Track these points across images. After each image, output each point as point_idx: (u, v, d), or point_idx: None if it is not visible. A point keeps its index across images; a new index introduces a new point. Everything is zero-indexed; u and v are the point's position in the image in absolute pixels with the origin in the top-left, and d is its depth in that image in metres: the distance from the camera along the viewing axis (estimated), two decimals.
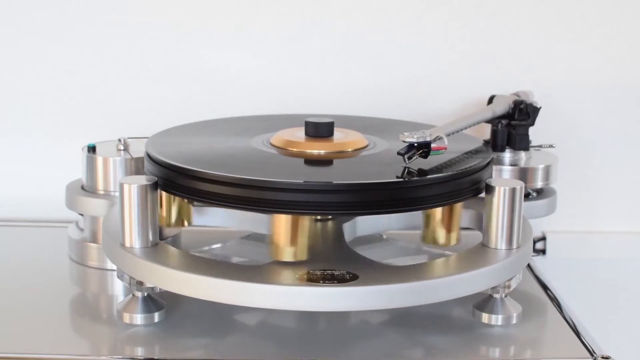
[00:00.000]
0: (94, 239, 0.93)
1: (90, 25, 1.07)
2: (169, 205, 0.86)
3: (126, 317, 0.79)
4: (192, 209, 0.88)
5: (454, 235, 0.86)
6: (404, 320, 0.81)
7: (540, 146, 1.00)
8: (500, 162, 0.97)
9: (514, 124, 0.97)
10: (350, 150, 0.84)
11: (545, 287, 0.91)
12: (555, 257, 1.11)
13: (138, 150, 0.92)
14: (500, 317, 0.80)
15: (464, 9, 1.08)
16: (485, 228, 0.80)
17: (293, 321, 0.81)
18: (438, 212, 0.85)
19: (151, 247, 0.78)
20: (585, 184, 1.12)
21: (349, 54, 1.09)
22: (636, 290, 1.14)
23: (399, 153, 0.79)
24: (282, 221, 0.79)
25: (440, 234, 0.86)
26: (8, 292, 0.87)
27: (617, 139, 1.11)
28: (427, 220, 0.86)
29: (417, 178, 0.77)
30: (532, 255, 0.87)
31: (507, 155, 0.98)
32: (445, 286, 0.74)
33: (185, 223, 0.88)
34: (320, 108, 1.07)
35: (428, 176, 0.77)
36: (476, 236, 0.84)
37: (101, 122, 1.09)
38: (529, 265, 0.95)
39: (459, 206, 0.85)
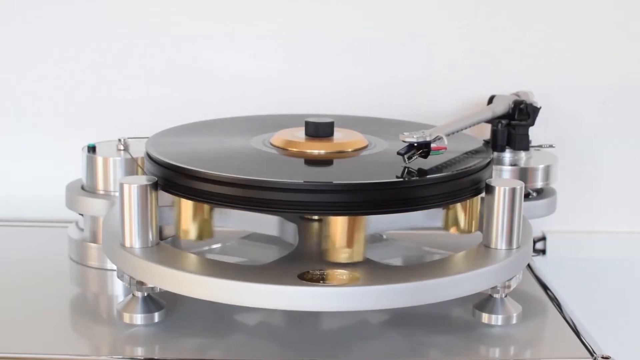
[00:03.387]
0: (94, 239, 0.93)
1: (91, 25, 1.07)
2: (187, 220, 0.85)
3: (126, 317, 0.79)
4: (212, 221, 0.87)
5: (474, 222, 0.86)
6: (404, 320, 0.81)
7: (540, 146, 1.00)
8: (500, 162, 0.97)
9: (514, 124, 0.97)
10: (350, 150, 0.84)
11: (545, 287, 0.91)
12: (555, 257, 1.11)
13: (138, 150, 0.92)
14: (500, 317, 0.80)
15: (464, 9, 1.08)
16: (485, 228, 0.80)
17: (293, 321, 0.81)
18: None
19: (151, 247, 0.78)
20: (585, 184, 1.12)
21: (349, 54, 1.09)
22: (636, 290, 1.14)
23: (399, 153, 0.79)
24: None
25: (462, 219, 0.86)
26: (8, 292, 0.87)
27: (617, 139, 1.11)
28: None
29: (417, 178, 0.77)
30: (532, 255, 0.87)
31: (507, 155, 0.98)
32: (445, 286, 0.74)
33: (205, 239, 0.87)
34: (320, 108, 1.07)
35: (428, 176, 0.77)
36: (476, 236, 0.84)
37: (101, 122, 1.09)
38: (529, 265, 0.95)
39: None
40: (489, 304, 0.80)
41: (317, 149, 0.84)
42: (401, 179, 0.76)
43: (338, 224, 0.80)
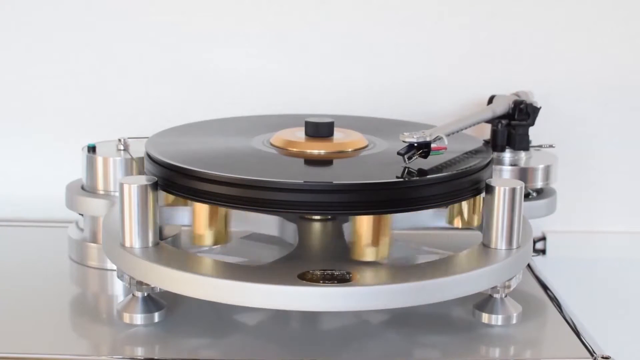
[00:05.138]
0: (94, 239, 0.93)
1: (91, 25, 1.07)
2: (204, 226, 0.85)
3: (126, 317, 0.79)
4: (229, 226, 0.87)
5: (477, 216, 0.86)
6: (404, 320, 0.81)
7: (540, 146, 1.00)
8: (500, 162, 0.97)
9: (514, 124, 0.97)
10: (350, 150, 0.84)
11: (545, 287, 0.91)
12: (555, 257, 1.11)
13: (138, 150, 0.92)
14: (500, 317, 0.80)
15: (464, 9, 1.08)
16: (485, 228, 0.80)
17: (293, 321, 0.81)
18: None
19: (151, 247, 0.78)
20: (585, 184, 1.12)
21: (349, 54, 1.09)
22: (636, 290, 1.14)
23: (399, 153, 0.79)
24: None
25: (465, 213, 0.86)
26: (8, 292, 0.87)
27: (617, 139, 1.11)
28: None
29: (417, 178, 0.77)
30: (532, 255, 0.87)
31: (507, 155, 0.98)
32: (445, 286, 0.74)
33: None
34: (320, 108, 1.07)
35: (428, 176, 0.77)
36: (476, 236, 0.84)
37: (101, 122, 1.09)
38: (529, 265, 0.95)
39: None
40: (489, 304, 0.80)
41: (317, 149, 0.84)
42: (401, 179, 0.76)
43: (364, 223, 0.80)
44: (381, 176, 0.76)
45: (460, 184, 0.79)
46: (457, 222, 0.87)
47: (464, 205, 0.86)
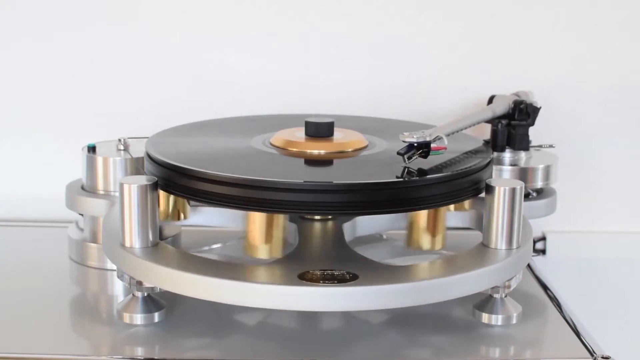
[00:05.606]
0: (94, 239, 0.93)
1: (91, 26, 1.07)
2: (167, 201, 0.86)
3: (126, 317, 0.79)
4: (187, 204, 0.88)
5: (439, 238, 0.86)
6: (404, 320, 0.81)
7: (540, 146, 1.00)
8: (500, 162, 0.97)
9: (514, 124, 0.97)
10: (350, 150, 0.84)
11: (545, 287, 0.91)
12: (555, 257, 1.11)
13: (138, 150, 0.92)
14: (500, 317, 0.80)
15: (464, 9, 1.08)
16: (485, 228, 0.80)
17: (293, 321, 0.81)
18: (423, 217, 0.85)
19: (151, 247, 0.78)
20: (585, 184, 1.12)
21: (349, 54, 1.09)
22: (636, 290, 1.14)
23: (399, 153, 0.79)
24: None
25: (425, 239, 0.86)
26: (8, 292, 0.87)
27: (617, 139, 1.11)
28: (410, 225, 0.86)
29: (417, 178, 0.77)
30: (532, 255, 0.87)
31: (507, 155, 0.98)
32: (445, 286, 0.74)
33: (182, 216, 0.87)
34: (320, 108, 1.07)
35: (428, 176, 0.77)
36: (476, 236, 0.84)
37: (101, 122, 1.09)
38: (529, 265, 0.95)
39: (442, 211, 0.85)
40: (489, 304, 0.80)
41: (317, 149, 0.84)
42: (401, 179, 0.76)
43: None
44: (381, 176, 0.76)
45: (460, 184, 0.79)
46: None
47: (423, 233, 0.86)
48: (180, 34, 1.08)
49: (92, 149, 0.93)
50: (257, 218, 0.81)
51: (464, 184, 0.79)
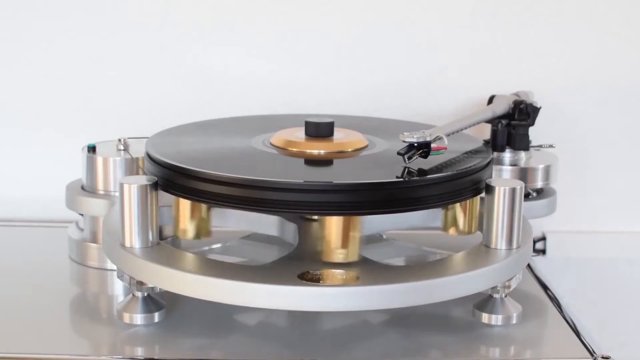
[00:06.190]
0: (94, 239, 0.93)
1: (90, 25, 1.07)
2: (185, 219, 0.85)
3: (126, 317, 0.79)
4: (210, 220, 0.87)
5: (474, 223, 0.86)
6: (404, 320, 0.81)
7: (540, 146, 1.00)
8: (500, 162, 0.97)
9: (514, 124, 0.97)
10: (350, 150, 0.84)
11: (545, 287, 0.91)
12: (555, 257, 1.11)
13: (138, 150, 0.92)
14: (500, 317, 0.80)
15: (464, 9, 1.08)
16: (485, 228, 0.80)
17: (293, 321, 0.81)
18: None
19: (151, 247, 0.78)
20: (585, 184, 1.12)
21: (349, 54, 1.09)
22: (636, 290, 1.14)
23: (399, 153, 0.79)
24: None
25: (461, 220, 0.86)
26: (8, 292, 0.87)
27: (616, 139, 1.11)
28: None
29: (417, 178, 0.77)
30: (532, 255, 0.87)
31: (507, 155, 0.98)
32: (445, 286, 0.74)
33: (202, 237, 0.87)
34: (320, 108, 1.07)
35: (428, 176, 0.77)
36: (476, 236, 0.84)
37: (101, 122, 1.09)
38: (529, 265, 0.95)
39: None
40: (489, 304, 0.80)
41: (317, 149, 0.84)
42: (401, 179, 0.76)
43: (333, 224, 0.80)
44: (381, 176, 0.76)
45: (460, 184, 0.79)
46: (453, 231, 0.87)
47: (459, 213, 0.86)
48: (180, 33, 1.08)
49: (92, 149, 0.93)
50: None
51: (464, 184, 0.79)
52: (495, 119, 0.96)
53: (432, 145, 0.79)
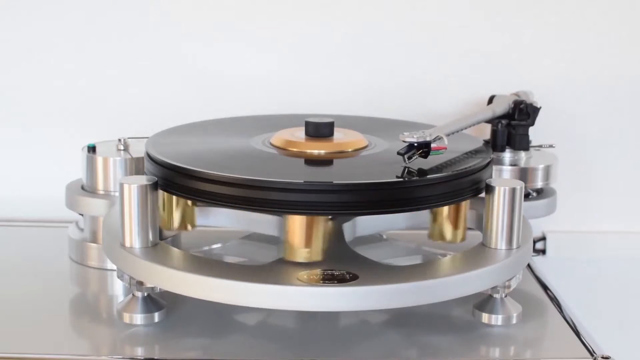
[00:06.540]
0: (94, 239, 0.93)
1: (90, 26, 1.07)
2: (171, 208, 0.86)
3: (126, 317, 0.79)
4: (196, 210, 0.88)
5: (459, 232, 0.86)
6: (404, 320, 0.81)
7: (540, 146, 1.00)
8: (500, 162, 0.97)
9: (514, 124, 0.97)
10: (350, 150, 0.84)
11: (545, 287, 0.91)
12: (555, 257, 1.11)
13: (138, 150, 0.92)
14: (500, 317, 0.80)
15: (464, 8, 1.08)
16: (485, 228, 0.80)
17: (293, 321, 0.81)
18: (445, 209, 0.86)
19: (151, 247, 0.78)
20: (585, 184, 1.12)
21: (349, 54, 1.09)
22: (636, 290, 1.14)
23: (399, 153, 0.79)
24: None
25: (448, 231, 0.86)
26: (8, 292, 0.87)
27: (616, 139, 1.11)
28: (434, 217, 0.87)
29: (417, 178, 0.77)
30: (532, 255, 0.87)
31: (507, 155, 0.98)
32: (445, 286, 0.74)
33: (189, 227, 0.88)
34: (320, 108, 1.07)
35: (428, 176, 0.77)
36: (476, 236, 0.84)
37: (101, 122, 1.09)
38: (529, 265, 0.95)
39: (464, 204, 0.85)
40: (489, 304, 0.80)
41: (317, 149, 0.84)
42: (401, 179, 0.76)
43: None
44: (381, 176, 0.76)
45: (460, 184, 0.79)
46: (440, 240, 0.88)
47: (446, 223, 0.87)
48: (181, 34, 1.08)
49: (92, 149, 0.93)
50: (297, 221, 0.80)
51: (464, 184, 0.79)
52: (495, 119, 0.96)
53: (432, 145, 0.79)
